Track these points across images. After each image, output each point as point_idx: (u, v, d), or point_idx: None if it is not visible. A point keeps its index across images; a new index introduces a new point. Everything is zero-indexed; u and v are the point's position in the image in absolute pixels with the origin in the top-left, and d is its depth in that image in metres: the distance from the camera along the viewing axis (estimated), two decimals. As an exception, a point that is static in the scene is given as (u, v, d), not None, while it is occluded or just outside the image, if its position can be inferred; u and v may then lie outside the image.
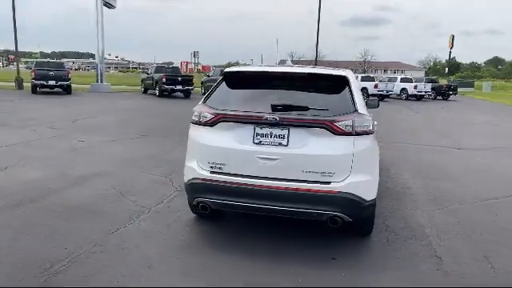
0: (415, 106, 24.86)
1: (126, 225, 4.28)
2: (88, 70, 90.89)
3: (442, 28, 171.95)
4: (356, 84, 4.05)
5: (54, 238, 3.92)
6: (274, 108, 3.64)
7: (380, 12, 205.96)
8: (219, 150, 3.75)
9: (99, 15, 26.22)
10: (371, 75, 36.47)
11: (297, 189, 3.52)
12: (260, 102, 3.83)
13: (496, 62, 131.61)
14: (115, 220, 4.39)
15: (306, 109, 3.63)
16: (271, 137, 3.62)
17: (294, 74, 4.10)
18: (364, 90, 29.28)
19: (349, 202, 3.52)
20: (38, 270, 3.30)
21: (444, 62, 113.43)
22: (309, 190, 3.51)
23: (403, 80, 31.63)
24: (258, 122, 3.64)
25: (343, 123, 3.53)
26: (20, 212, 4.55)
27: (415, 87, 30.19)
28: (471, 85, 51.26)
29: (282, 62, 6.53)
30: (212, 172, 3.76)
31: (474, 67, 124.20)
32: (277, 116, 3.57)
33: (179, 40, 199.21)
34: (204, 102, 3.98)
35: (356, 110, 3.65)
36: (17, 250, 3.65)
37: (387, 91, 29.53)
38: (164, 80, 22.56)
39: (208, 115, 3.80)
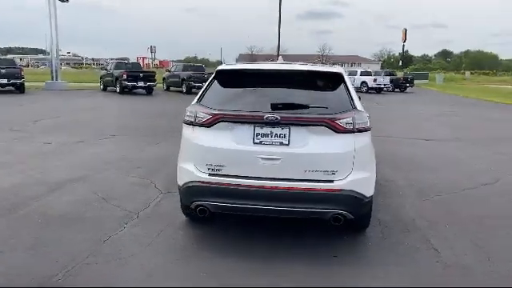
0: (378, 98, 25.57)
1: (117, 232, 4.07)
2: (38, 66, 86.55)
3: (392, 21, 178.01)
4: (350, 80, 4.05)
5: (42, 250, 3.66)
6: (274, 107, 3.57)
7: (332, 6, 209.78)
8: (218, 151, 3.63)
9: (52, 8, 24.91)
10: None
11: (299, 188, 3.47)
12: (257, 100, 3.74)
13: (445, 54, 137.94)
14: (104, 227, 4.16)
15: (306, 107, 3.59)
16: (272, 136, 3.55)
17: (290, 71, 4.04)
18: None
19: (351, 200, 3.52)
20: (32, 285, 3.07)
21: (397, 55, 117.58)
22: (312, 190, 3.47)
23: (363, 73, 32.44)
24: (257, 121, 3.55)
25: (344, 121, 3.52)
26: (-2, 222, 4.23)
27: (375, 80, 31.06)
28: (426, 77, 53.44)
29: (273, 59, 6.53)
30: (211, 174, 3.63)
31: (425, 60, 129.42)
32: (277, 115, 3.49)
33: (133, 34, 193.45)
34: (198, 101, 3.84)
35: (355, 107, 3.65)
36: (5, 266, 3.38)
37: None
38: (125, 76, 21.87)
39: (204, 115, 3.66)
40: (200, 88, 19.94)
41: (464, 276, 3.41)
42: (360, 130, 3.57)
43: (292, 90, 3.86)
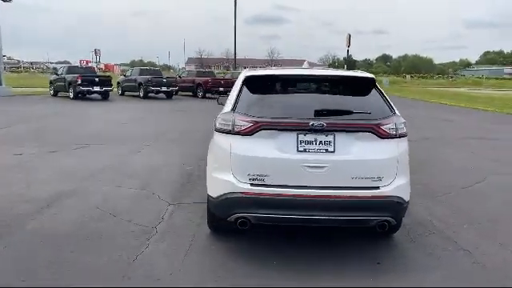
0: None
1: (143, 250, 3.76)
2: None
3: (336, 27, 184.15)
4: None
5: (66, 274, 3.29)
6: (318, 113, 3.47)
7: (280, 11, 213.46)
8: (260, 160, 3.46)
9: (-8, 9, 23.12)
10: None
11: (346, 196, 3.39)
12: (296, 107, 3.62)
13: (385, 58, 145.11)
14: (125, 245, 3.84)
15: (350, 113, 3.52)
16: (316, 144, 3.44)
17: (322, 76, 3.96)
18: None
19: (396, 206, 3.50)
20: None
21: (342, 59, 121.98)
22: (359, 197, 3.41)
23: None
24: (301, 128, 3.43)
25: (388, 126, 3.49)
26: (1, 249, 3.76)
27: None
28: (374, 80, 55.40)
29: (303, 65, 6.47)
30: (253, 184, 3.46)
31: (367, 64, 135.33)
32: (323, 122, 3.40)
33: (73, 37, 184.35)
34: (233, 109, 3.64)
35: (395, 113, 3.65)
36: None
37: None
38: (80, 81, 20.71)
39: (244, 123, 3.48)
40: (159, 92, 19.46)
41: (507, 278, 3.49)
42: (401, 136, 3.57)
43: (327, 96, 3.80)
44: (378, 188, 3.45)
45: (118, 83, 26.38)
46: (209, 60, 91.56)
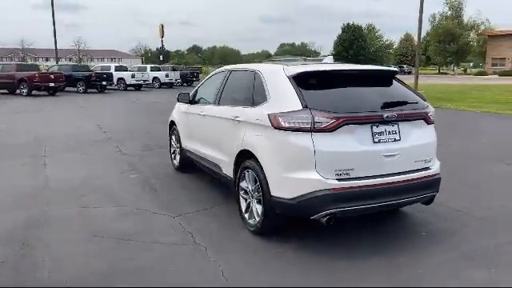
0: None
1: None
2: None
3: (146, 18, 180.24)
4: None
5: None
6: (384, 106, 3.70)
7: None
8: (345, 155, 3.49)
9: None
10: (124, 65, 35.06)
11: (413, 179, 3.74)
12: (360, 100, 3.76)
13: (196, 49, 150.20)
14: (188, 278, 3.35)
15: (405, 103, 3.85)
16: (386, 134, 3.66)
17: (367, 71, 4.26)
18: (121, 80, 28.37)
19: (439, 181, 4.02)
20: None
21: (155, 50, 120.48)
22: (420, 178, 3.79)
23: (153, 69, 32.19)
24: (375, 121, 3.60)
25: (431, 113, 3.98)
26: None
27: (167, 76, 31.38)
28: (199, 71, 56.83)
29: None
30: (340, 179, 3.47)
31: (179, 55, 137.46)
32: (394, 113, 3.65)
33: None
34: (306, 106, 3.53)
35: (426, 101, 4.15)
36: None
37: (144, 81, 29.51)
38: None
39: (326, 120, 3.43)
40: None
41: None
42: (433, 122, 4.10)
43: (376, 89, 4.01)
44: (429, 168, 3.92)
45: None
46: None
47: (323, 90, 3.81)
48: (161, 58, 62.45)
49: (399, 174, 3.69)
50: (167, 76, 31.33)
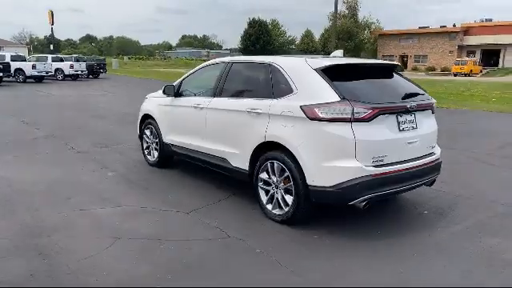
0: (94, 85, 24.25)
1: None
2: None
3: (24, 2, 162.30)
4: None
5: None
6: (405, 96, 4.04)
7: None
8: (380, 143, 3.76)
9: None
10: (21, 54, 31.08)
11: (427, 163, 4.17)
12: (383, 92, 4.06)
13: (90, 39, 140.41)
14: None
15: (417, 95, 4.23)
16: (407, 122, 4.02)
17: (381, 64, 4.59)
18: (20, 71, 25.48)
19: (440, 165, 4.51)
20: None
21: (42, 38, 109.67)
22: (431, 162, 4.24)
23: (55, 59, 29.42)
24: (400, 111, 3.93)
25: (435, 104, 4.44)
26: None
27: (71, 66, 28.93)
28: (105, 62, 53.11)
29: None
30: (376, 166, 3.74)
31: (71, 44, 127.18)
32: (415, 103, 4.02)
33: None
34: (343, 97, 3.70)
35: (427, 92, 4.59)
36: None
37: (46, 72, 26.82)
38: None
39: (364, 110, 3.66)
40: None
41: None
42: (435, 112, 4.57)
43: (390, 81, 4.33)
44: (434, 153, 4.38)
45: None
46: None
47: (350, 82, 4.02)
48: (51, 48, 57.19)
49: (418, 159, 4.09)
50: (72, 67, 28.86)
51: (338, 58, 4.58)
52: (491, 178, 6.12)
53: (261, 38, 66.81)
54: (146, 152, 6.50)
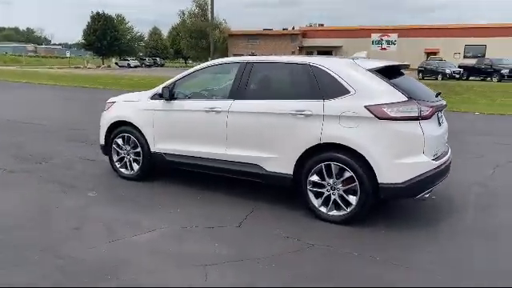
0: None
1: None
2: None
3: None
4: None
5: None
6: (435, 96, 4.47)
7: None
8: (436, 138, 4.15)
9: None
10: None
11: (450, 157, 4.66)
12: (419, 91, 4.38)
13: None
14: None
15: (438, 94, 4.68)
16: (441, 119, 4.48)
17: (406, 66, 4.84)
18: None
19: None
20: None
21: None
22: (449, 157, 4.74)
23: None
24: (440, 109, 4.38)
25: (444, 104, 5.02)
26: None
27: None
28: None
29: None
30: (434, 159, 4.09)
31: None
32: (444, 102, 4.49)
33: None
34: (409, 97, 3.91)
35: None
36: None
37: None
38: None
39: (427, 109, 3.96)
40: None
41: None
42: None
43: (412, 80, 4.69)
44: (449, 149, 4.94)
45: None
46: None
47: (397, 81, 4.23)
48: None
49: (446, 153, 4.57)
50: None
51: (377, 60, 4.67)
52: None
53: (107, 33, 62.34)
54: (117, 165, 5.61)
